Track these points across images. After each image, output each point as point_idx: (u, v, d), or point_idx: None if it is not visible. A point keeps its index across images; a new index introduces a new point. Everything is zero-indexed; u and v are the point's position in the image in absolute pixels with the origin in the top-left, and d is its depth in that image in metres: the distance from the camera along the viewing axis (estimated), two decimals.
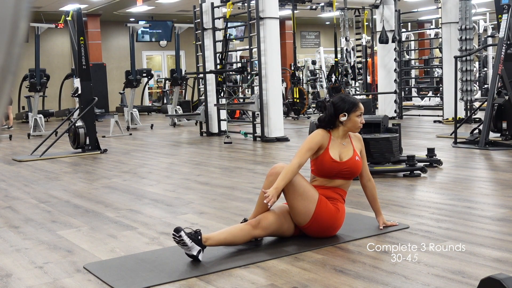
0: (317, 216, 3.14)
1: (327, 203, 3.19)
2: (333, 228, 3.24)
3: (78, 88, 8.18)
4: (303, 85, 16.76)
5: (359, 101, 3.34)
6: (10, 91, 0.67)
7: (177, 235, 2.89)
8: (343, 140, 3.34)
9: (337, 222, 3.24)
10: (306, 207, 3.14)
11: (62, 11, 12.71)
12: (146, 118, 15.99)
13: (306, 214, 3.15)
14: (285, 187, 3.12)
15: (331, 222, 3.20)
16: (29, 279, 2.82)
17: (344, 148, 3.32)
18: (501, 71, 7.01)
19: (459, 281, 2.50)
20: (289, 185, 3.11)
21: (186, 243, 2.88)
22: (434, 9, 12.94)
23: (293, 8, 12.48)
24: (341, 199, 3.29)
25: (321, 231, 3.21)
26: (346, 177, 3.30)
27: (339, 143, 3.32)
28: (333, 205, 3.21)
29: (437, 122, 10.84)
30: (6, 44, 0.63)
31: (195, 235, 2.93)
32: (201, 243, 2.93)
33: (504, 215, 3.68)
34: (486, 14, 16.96)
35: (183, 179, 5.72)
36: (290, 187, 3.12)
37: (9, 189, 5.57)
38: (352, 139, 3.39)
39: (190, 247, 2.90)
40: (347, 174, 3.29)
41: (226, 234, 3.05)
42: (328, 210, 3.17)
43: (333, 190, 3.27)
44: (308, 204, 3.14)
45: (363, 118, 3.35)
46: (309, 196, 3.15)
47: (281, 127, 9.06)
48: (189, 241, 2.90)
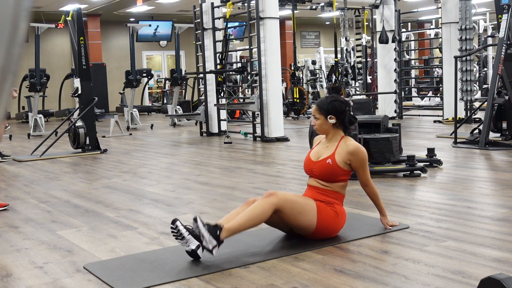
0: (320, 225, 3.14)
1: (326, 209, 3.17)
2: (335, 232, 3.25)
3: (78, 88, 8.18)
4: (303, 85, 16.77)
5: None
6: (10, 91, 0.67)
7: (173, 227, 2.87)
8: (328, 143, 3.33)
9: (338, 225, 3.23)
10: (308, 221, 3.12)
11: (62, 11, 12.71)
12: (146, 118, 16.00)
13: (309, 227, 3.14)
14: (282, 210, 3.05)
15: (333, 227, 3.20)
16: (29, 279, 2.82)
17: (325, 150, 3.32)
18: (501, 71, 7.01)
19: (459, 281, 2.50)
20: (285, 208, 3.05)
21: (183, 235, 2.85)
22: (434, 9, 12.94)
23: (293, 8, 12.48)
24: (338, 202, 3.26)
25: (324, 236, 3.20)
26: (317, 177, 3.26)
27: (324, 145, 3.34)
28: (331, 209, 3.19)
29: (437, 122, 10.84)
30: (6, 44, 0.63)
31: (214, 229, 2.87)
32: (219, 238, 2.87)
33: (504, 215, 3.68)
34: (486, 14, 16.97)
35: (183, 179, 5.72)
36: (287, 209, 3.06)
37: (9, 189, 5.57)
38: (340, 147, 3.27)
39: (188, 239, 2.85)
40: (316, 174, 3.26)
41: (240, 220, 2.96)
42: (329, 216, 3.16)
43: (326, 194, 3.23)
44: (310, 218, 3.12)
45: (313, 120, 3.35)
46: (308, 210, 3.12)
47: (281, 127, 9.06)
48: (186, 233, 2.86)
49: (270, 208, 3.00)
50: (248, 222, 2.97)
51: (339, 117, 3.26)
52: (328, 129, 3.29)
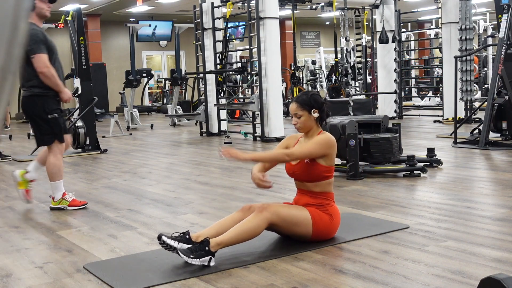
0: (316, 232, 3.13)
1: (320, 215, 3.14)
2: (332, 233, 3.24)
3: (78, 88, 8.18)
4: (303, 85, 16.77)
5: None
6: (10, 91, 0.67)
7: (160, 242, 2.87)
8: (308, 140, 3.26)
9: (334, 227, 3.22)
10: (304, 231, 3.11)
11: (62, 11, 12.71)
12: (146, 118, 16.00)
13: (305, 236, 3.14)
14: (276, 224, 3.03)
15: (329, 230, 3.20)
16: (29, 279, 2.82)
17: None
18: (501, 71, 7.01)
19: (459, 281, 2.50)
20: (279, 222, 3.04)
21: (173, 246, 2.84)
22: (434, 9, 12.94)
23: (293, 8, 12.48)
24: (329, 201, 3.22)
25: (322, 239, 3.20)
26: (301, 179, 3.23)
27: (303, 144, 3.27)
28: (324, 212, 3.17)
29: (437, 122, 10.84)
30: (6, 44, 0.63)
31: (202, 245, 2.84)
32: (210, 251, 2.84)
33: (504, 215, 3.68)
34: (486, 14, 16.96)
35: (183, 179, 5.72)
36: (281, 223, 3.05)
37: (9, 189, 5.57)
38: (308, 138, 3.26)
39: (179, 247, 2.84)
40: (298, 175, 3.23)
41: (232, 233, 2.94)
42: (323, 221, 3.14)
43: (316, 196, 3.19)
44: (304, 228, 3.10)
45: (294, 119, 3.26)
46: (302, 220, 3.10)
47: (281, 127, 9.06)
48: (176, 242, 2.86)
49: (264, 223, 2.98)
50: (240, 236, 2.95)
51: (320, 109, 3.21)
52: (312, 124, 3.21)
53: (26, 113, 4.47)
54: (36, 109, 4.33)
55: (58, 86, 4.31)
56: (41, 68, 4.19)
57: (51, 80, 4.25)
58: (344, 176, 5.25)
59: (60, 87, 4.33)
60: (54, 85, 4.28)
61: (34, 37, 4.17)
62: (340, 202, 3.96)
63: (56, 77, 4.27)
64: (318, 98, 3.25)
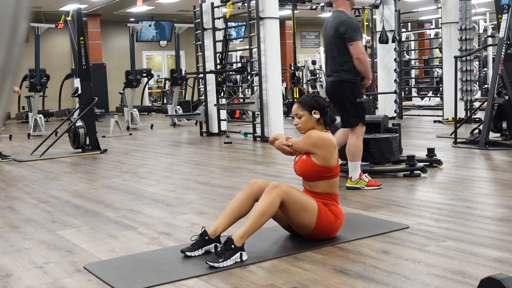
0: (319, 226, 3.13)
1: (326, 212, 3.15)
2: (333, 233, 3.24)
3: (78, 88, 8.18)
4: (303, 85, 16.76)
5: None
6: (10, 91, 0.67)
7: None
8: None
9: (337, 227, 3.23)
10: (308, 220, 3.10)
11: (62, 11, 12.71)
12: (146, 118, 15.99)
13: (308, 226, 3.13)
14: (285, 203, 3.02)
15: (331, 230, 3.20)
16: (29, 279, 2.82)
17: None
18: (501, 71, 7.01)
19: (459, 281, 2.50)
20: (288, 202, 3.03)
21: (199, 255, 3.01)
22: (434, 9, 12.94)
23: (293, 8, 12.48)
24: (333, 202, 3.23)
25: (322, 237, 3.20)
26: (302, 176, 3.28)
27: None
28: (331, 212, 3.17)
29: (437, 122, 10.84)
30: (6, 44, 0.63)
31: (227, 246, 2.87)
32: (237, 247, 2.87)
33: (504, 215, 3.68)
34: (486, 14, 16.97)
35: (183, 179, 5.72)
36: (290, 203, 3.03)
37: (9, 189, 5.57)
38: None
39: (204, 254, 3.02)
40: (298, 173, 3.27)
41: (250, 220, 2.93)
42: (328, 219, 3.15)
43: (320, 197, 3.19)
44: (310, 217, 3.09)
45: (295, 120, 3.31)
46: (309, 208, 3.10)
47: (281, 127, 9.05)
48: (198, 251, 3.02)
49: (277, 200, 2.97)
50: (259, 220, 2.94)
51: (322, 111, 3.23)
52: (313, 125, 3.24)
53: (334, 96, 4.71)
54: (346, 93, 4.63)
55: (368, 72, 4.63)
56: (358, 54, 4.51)
57: (365, 66, 4.57)
58: (344, 176, 5.24)
59: (369, 73, 4.66)
60: (366, 70, 4.59)
61: (352, 25, 4.53)
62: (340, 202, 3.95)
63: (368, 64, 4.63)
64: (320, 100, 3.28)
